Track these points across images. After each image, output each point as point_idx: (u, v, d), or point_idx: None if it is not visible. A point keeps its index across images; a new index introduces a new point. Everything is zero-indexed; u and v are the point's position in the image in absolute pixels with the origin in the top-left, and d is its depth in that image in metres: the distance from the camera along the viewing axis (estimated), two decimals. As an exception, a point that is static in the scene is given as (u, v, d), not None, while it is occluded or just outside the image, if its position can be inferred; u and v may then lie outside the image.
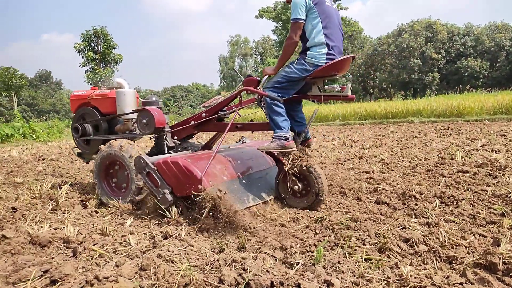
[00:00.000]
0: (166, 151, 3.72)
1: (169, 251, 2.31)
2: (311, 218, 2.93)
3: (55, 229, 2.76)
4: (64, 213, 3.25)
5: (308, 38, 3.01)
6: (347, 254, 2.18)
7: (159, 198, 3.00)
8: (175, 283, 1.89)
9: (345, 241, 2.35)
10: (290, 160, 3.06)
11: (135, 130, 3.92)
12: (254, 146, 3.82)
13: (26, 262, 2.16)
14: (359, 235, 2.48)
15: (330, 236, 2.49)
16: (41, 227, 2.79)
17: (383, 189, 3.68)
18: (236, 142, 4.47)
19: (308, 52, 3.01)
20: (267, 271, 1.98)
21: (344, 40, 3.27)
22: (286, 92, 3.11)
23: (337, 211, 3.10)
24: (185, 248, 2.39)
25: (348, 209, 3.15)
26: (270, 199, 3.26)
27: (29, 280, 1.95)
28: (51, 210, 3.36)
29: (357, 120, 15.50)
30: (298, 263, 2.07)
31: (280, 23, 44.66)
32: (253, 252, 2.29)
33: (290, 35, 3.02)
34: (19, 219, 3.11)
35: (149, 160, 3.08)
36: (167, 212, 2.92)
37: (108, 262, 2.19)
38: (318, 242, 2.41)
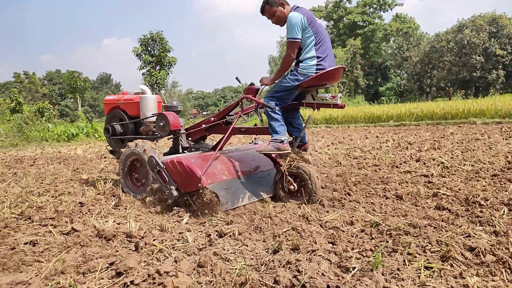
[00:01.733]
0: (181, 151, 4.08)
1: (224, 250, 2.36)
2: (366, 222, 2.85)
3: (118, 224, 2.93)
4: (126, 209, 3.43)
5: (302, 52, 3.34)
6: (406, 261, 2.10)
7: (166, 193, 3.36)
8: (231, 281, 1.93)
9: (404, 247, 2.27)
10: (286, 161, 3.35)
11: (156, 132, 4.26)
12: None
13: (94, 254, 2.32)
14: (419, 241, 2.38)
15: (387, 242, 2.41)
16: (106, 221, 2.98)
17: (443, 194, 3.50)
18: (250, 143, 4.58)
19: (300, 64, 3.34)
20: (322, 274, 1.96)
21: (399, 38, 3.35)
22: (283, 101, 3.46)
23: (393, 216, 2.99)
24: (239, 247, 2.43)
25: (406, 214, 3.03)
26: (268, 197, 3.54)
27: (97, 271, 2.10)
28: (114, 206, 3.57)
29: (413, 120, 14.85)
30: (354, 267, 2.03)
31: (332, 22, 43.96)
32: (307, 254, 2.28)
33: (288, 53, 3.35)
34: (85, 213, 3.34)
35: (159, 160, 3.43)
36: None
37: (168, 258, 2.29)
38: (374, 247, 2.34)
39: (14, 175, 5.71)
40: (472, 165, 4.78)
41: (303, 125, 3.71)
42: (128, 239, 2.62)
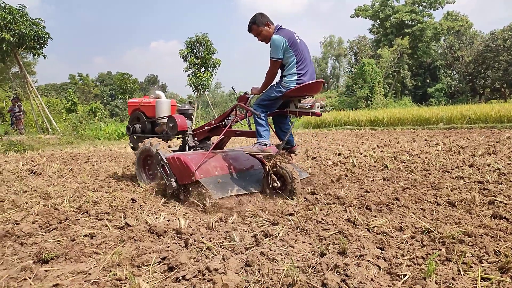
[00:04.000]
0: (187, 149, 4.64)
1: (271, 250, 2.39)
2: (416, 228, 2.76)
3: (168, 220, 3.05)
4: (175, 206, 3.56)
5: (285, 69, 3.77)
6: (461, 271, 2.01)
7: (168, 184, 3.88)
8: (279, 282, 1.95)
9: (458, 256, 2.17)
10: (270, 162, 3.74)
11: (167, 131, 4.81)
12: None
13: (147, 249, 2.43)
14: (475, 251, 2.27)
15: (440, 250, 2.32)
16: (157, 218, 3.11)
17: (500, 202, 3.31)
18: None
19: (283, 78, 3.77)
20: (372, 279, 1.93)
21: (450, 36, 3.41)
22: (268, 108, 3.91)
23: (446, 223, 2.87)
24: (285, 248, 2.44)
25: (459, 222, 2.89)
26: (256, 192, 3.87)
27: (150, 264, 2.20)
28: (164, 203, 3.72)
29: (465, 123, 14.13)
30: (405, 275, 1.98)
31: (378, 21, 42.77)
32: (355, 259, 2.25)
33: (271, 69, 3.80)
34: (137, 209, 3.50)
35: (164, 156, 3.99)
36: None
37: (216, 255, 2.35)
38: (426, 255, 2.26)
39: (71, 171, 6.08)
40: (532, 172, 4.48)
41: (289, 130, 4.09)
42: (178, 235, 2.71)
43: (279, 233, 2.69)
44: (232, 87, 5.31)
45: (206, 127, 4.59)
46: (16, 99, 17.65)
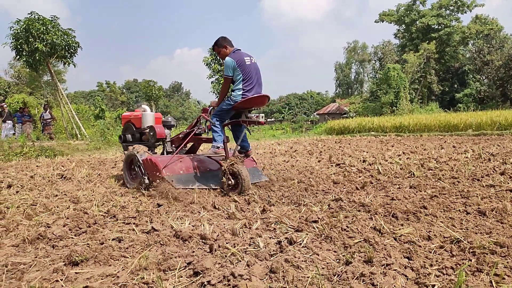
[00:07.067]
0: (165, 154, 5.40)
1: (295, 257, 2.38)
2: (445, 238, 2.69)
3: (194, 226, 3.09)
4: (199, 212, 3.60)
5: (234, 84, 4.51)
6: (493, 283, 1.95)
7: (142, 181, 4.64)
8: (304, 289, 1.94)
9: (490, 267, 2.10)
10: (227, 163, 4.38)
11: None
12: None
13: (173, 253, 2.47)
14: (507, 262, 2.19)
15: (471, 260, 2.25)
16: (182, 223, 3.15)
17: (535, 212, 3.18)
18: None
19: (232, 93, 4.49)
20: (399, 289, 1.89)
21: (479, 40, 3.65)
22: (222, 118, 4.64)
23: (476, 233, 2.78)
24: (310, 255, 2.43)
25: (490, 232, 2.80)
26: (216, 188, 4.57)
27: (176, 269, 2.23)
28: (187, 209, 3.76)
29: (495, 130, 13.66)
30: (434, 285, 1.93)
31: (403, 26, 42.10)
32: (381, 268, 2.21)
33: (223, 85, 4.59)
34: (163, 214, 3.56)
35: (140, 158, 4.73)
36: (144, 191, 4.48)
37: (240, 261, 2.35)
38: (456, 265, 2.20)
39: (99, 176, 6.25)
40: None
41: (244, 137, 4.86)
42: (203, 240, 2.74)
43: (303, 240, 2.67)
44: (197, 101, 6.27)
45: (181, 135, 5.39)
46: (47, 106, 18.33)
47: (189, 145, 5.70)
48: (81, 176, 6.17)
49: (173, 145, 5.54)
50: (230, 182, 4.41)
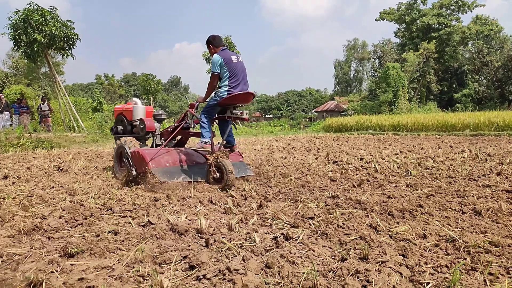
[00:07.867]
0: (154, 146, 5.50)
1: (291, 253, 2.38)
2: (440, 236, 2.70)
3: (190, 220, 3.09)
4: (196, 207, 3.60)
5: (220, 81, 4.64)
6: (487, 281, 1.96)
7: (129, 172, 4.70)
8: (299, 285, 1.94)
9: (484, 266, 2.11)
10: (212, 157, 4.51)
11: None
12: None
13: (169, 247, 2.47)
14: (502, 261, 2.20)
15: (465, 259, 2.26)
16: (179, 217, 3.15)
17: (530, 212, 3.19)
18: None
19: (218, 89, 4.65)
20: (394, 286, 1.90)
21: (478, 41, 3.69)
22: (209, 114, 4.75)
23: (471, 232, 2.80)
24: (306, 251, 2.43)
25: (485, 231, 2.81)
26: (202, 181, 4.64)
27: (171, 262, 2.23)
28: (183, 203, 3.76)
29: (492, 130, 13.70)
30: (429, 283, 1.94)
31: (403, 24, 42.03)
32: (376, 265, 2.22)
33: (211, 81, 4.67)
34: (159, 207, 3.56)
35: (129, 150, 4.86)
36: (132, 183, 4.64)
37: (236, 256, 2.36)
38: (450, 263, 2.21)
39: (96, 169, 6.24)
40: None
41: (230, 132, 5.00)
42: (199, 235, 2.75)
43: (299, 236, 2.68)
44: (185, 96, 6.26)
45: (170, 129, 5.48)
46: (45, 98, 18.25)
47: (178, 138, 5.79)
48: (78, 168, 6.15)
49: (163, 138, 5.68)
50: (215, 175, 4.52)
